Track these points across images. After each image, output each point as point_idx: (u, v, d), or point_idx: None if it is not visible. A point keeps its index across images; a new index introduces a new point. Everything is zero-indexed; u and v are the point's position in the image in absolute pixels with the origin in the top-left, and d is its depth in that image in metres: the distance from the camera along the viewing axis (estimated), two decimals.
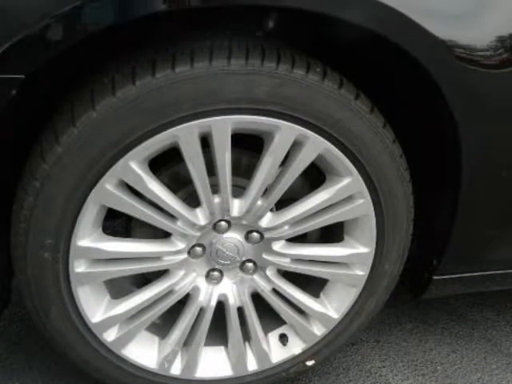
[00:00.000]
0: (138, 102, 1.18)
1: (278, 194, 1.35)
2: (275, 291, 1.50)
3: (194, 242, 1.40)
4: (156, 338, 1.51)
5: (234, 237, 1.41)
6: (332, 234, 1.53)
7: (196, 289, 1.46)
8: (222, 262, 1.44)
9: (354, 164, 1.34)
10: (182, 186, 1.42)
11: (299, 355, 1.59)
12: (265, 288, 1.49)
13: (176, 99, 1.19)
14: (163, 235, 1.40)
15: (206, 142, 1.26)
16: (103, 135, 1.20)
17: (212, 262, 1.44)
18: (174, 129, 1.21)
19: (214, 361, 1.55)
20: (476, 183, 1.42)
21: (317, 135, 1.28)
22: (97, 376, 1.52)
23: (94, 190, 1.24)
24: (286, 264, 1.47)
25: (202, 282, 1.47)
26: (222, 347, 1.56)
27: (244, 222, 1.39)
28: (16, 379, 1.65)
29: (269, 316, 1.56)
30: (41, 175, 1.22)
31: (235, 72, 1.20)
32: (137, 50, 1.28)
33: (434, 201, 1.56)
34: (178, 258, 1.39)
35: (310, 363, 1.62)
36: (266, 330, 1.57)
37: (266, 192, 1.35)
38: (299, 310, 1.54)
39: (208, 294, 1.47)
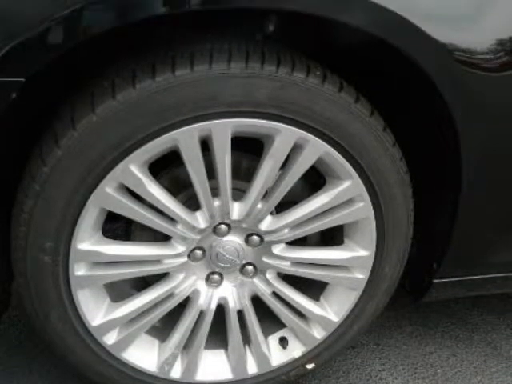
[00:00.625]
0: (138, 106, 1.18)
1: (278, 197, 1.34)
2: (275, 294, 1.50)
3: (194, 245, 1.40)
4: (156, 341, 1.51)
5: (234, 240, 1.41)
6: (332, 237, 1.53)
7: (196, 292, 1.46)
8: (222, 265, 1.44)
9: (354, 167, 1.34)
10: (181, 189, 1.42)
11: (299, 358, 1.58)
12: (265, 291, 1.49)
13: (176, 102, 1.19)
14: (163, 238, 1.39)
15: (206, 145, 1.26)
16: (103, 138, 1.20)
17: (212, 265, 1.44)
18: (174, 132, 1.21)
19: (214, 364, 1.55)
20: (476, 186, 1.42)
21: (317, 138, 1.28)
22: (97, 379, 1.51)
23: (94, 193, 1.24)
24: (286, 267, 1.47)
25: (202, 285, 1.47)
26: (222, 350, 1.56)
27: (244, 225, 1.39)
28: (16, 382, 1.65)
29: (269, 319, 1.55)
30: (41, 178, 1.22)
31: (235, 75, 1.20)
32: (137, 53, 1.28)
33: (434, 204, 1.56)
34: (177, 262, 1.39)
35: (310, 366, 1.62)
36: (266, 333, 1.56)
37: (266, 195, 1.36)
38: (299, 313, 1.53)
39: (208, 297, 1.47)
